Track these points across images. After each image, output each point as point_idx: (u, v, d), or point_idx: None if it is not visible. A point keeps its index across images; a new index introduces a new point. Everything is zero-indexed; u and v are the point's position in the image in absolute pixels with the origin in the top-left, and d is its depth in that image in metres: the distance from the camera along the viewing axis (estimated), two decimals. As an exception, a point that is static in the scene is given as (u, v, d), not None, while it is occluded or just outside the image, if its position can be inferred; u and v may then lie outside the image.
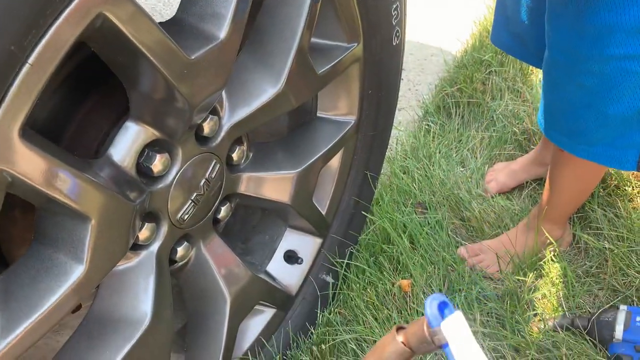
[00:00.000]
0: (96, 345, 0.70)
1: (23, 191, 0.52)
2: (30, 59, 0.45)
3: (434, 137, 1.62)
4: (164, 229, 0.77)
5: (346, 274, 1.20)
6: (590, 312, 1.16)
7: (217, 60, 0.67)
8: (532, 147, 1.57)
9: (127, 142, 0.68)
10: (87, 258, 0.59)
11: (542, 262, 1.26)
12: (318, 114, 1.05)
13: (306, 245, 1.11)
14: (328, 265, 1.16)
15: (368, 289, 1.19)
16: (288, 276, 1.10)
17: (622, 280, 1.21)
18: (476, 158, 1.56)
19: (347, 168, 1.12)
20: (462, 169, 1.53)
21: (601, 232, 1.30)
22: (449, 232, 1.35)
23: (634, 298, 1.18)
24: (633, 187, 1.42)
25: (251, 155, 0.91)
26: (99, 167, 0.66)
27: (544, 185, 1.28)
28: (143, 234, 0.73)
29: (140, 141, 0.68)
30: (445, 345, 0.43)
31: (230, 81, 0.79)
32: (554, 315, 1.17)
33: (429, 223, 1.34)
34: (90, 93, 0.75)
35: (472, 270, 1.26)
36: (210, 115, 0.76)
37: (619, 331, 1.07)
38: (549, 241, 1.27)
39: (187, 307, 0.92)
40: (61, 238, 0.58)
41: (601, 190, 1.38)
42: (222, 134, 0.79)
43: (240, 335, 1.00)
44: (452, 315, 0.43)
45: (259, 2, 0.82)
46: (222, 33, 0.66)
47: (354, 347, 1.12)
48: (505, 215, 1.39)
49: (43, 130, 0.70)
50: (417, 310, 1.16)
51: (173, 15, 0.68)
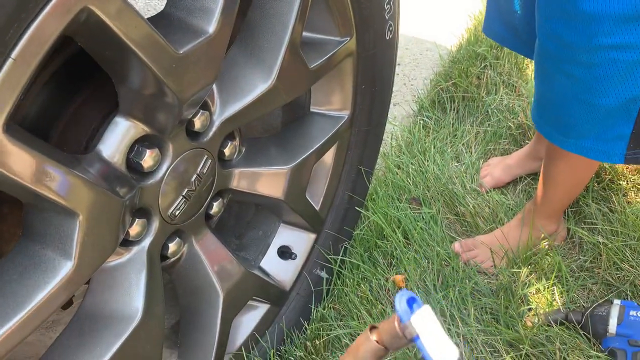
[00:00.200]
0: (87, 341, 0.69)
1: (8, 187, 0.51)
2: (13, 54, 0.44)
3: (428, 132, 1.62)
4: (155, 224, 0.76)
5: (340, 269, 1.20)
6: (584, 307, 1.16)
7: (206, 55, 0.67)
8: (527, 141, 1.57)
9: (117, 138, 0.67)
10: (76, 254, 0.58)
11: (536, 257, 1.26)
12: (311, 109, 1.05)
13: (300, 240, 1.11)
14: (322, 261, 1.16)
15: (362, 284, 1.19)
16: (282, 272, 1.09)
17: (616, 274, 1.21)
18: (471, 153, 1.56)
19: (341, 163, 1.12)
20: (457, 164, 1.53)
21: (595, 226, 1.30)
22: (444, 227, 1.35)
23: (628, 292, 1.18)
24: (627, 181, 1.42)
25: (243, 150, 0.90)
26: (88, 163, 0.65)
27: (538, 180, 1.28)
28: (134, 229, 0.73)
29: (129, 137, 0.68)
30: (416, 337, 0.45)
31: (221, 76, 0.79)
32: (548, 309, 1.17)
33: (423, 218, 1.34)
34: (79, 88, 0.74)
35: (466, 266, 1.26)
36: (201, 111, 0.76)
37: (612, 325, 1.08)
38: (543, 236, 1.27)
39: (180, 303, 0.92)
40: (49, 234, 0.58)
41: (595, 184, 1.38)
42: (214, 129, 0.79)
43: (233, 331, 1.00)
44: (421, 309, 0.46)
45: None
46: (211, 27, 0.66)
47: (348, 342, 1.12)
48: (499, 210, 1.39)
49: (31, 126, 0.69)
50: (411, 305, 1.16)
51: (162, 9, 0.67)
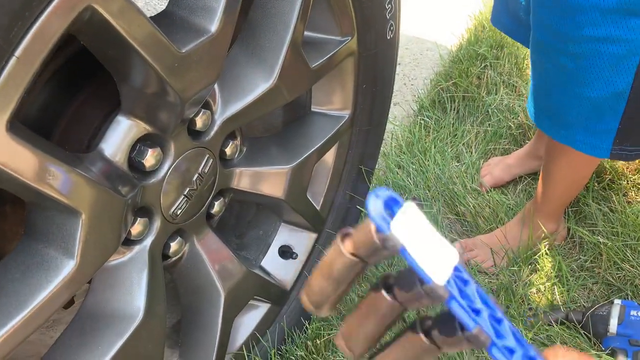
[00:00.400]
0: (89, 340, 0.69)
1: (11, 186, 0.51)
2: (17, 52, 0.44)
3: (429, 132, 1.62)
4: (157, 224, 0.76)
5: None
6: (584, 306, 1.17)
7: (208, 54, 0.67)
8: (527, 141, 1.57)
9: (119, 137, 0.68)
10: (78, 253, 0.58)
11: (536, 257, 1.26)
12: (312, 109, 1.05)
13: (301, 240, 1.11)
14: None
15: (363, 284, 1.19)
16: (283, 271, 1.09)
17: (617, 274, 1.21)
18: (471, 152, 1.56)
19: (342, 163, 1.12)
20: (457, 164, 1.53)
21: (596, 226, 1.30)
22: (444, 227, 1.35)
23: (628, 292, 1.18)
24: (627, 181, 1.42)
25: (245, 149, 0.90)
26: (90, 162, 0.65)
27: (538, 179, 1.28)
28: (135, 228, 0.73)
29: (131, 135, 0.68)
30: (402, 249, 0.35)
31: (223, 75, 0.79)
32: (548, 309, 1.17)
33: (424, 218, 1.33)
34: (81, 87, 0.74)
35: (466, 265, 1.26)
36: (203, 110, 0.76)
37: (613, 325, 1.08)
38: (543, 235, 1.27)
39: (182, 302, 0.92)
40: (51, 233, 0.58)
41: (596, 184, 1.39)
42: (215, 128, 0.79)
43: (234, 330, 1.00)
44: (402, 211, 0.35)
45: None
46: (213, 26, 0.66)
47: (349, 341, 1.12)
48: (500, 209, 1.39)
49: (34, 125, 0.69)
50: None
51: (163, 7, 0.67)
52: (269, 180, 0.94)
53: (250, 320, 1.05)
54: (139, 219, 0.73)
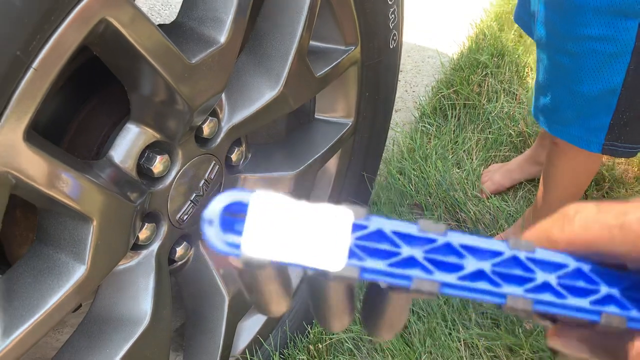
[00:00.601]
0: (96, 343, 0.71)
1: (26, 193, 0.53)
2: (35, 64, 0.46)
3: (430, 139, 1.63)
4: (164, 229, 0.78)
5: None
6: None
7: (217, 64, 0.68)
8: (527, 149, 1.59)
9: (128, 144, 0.69)
10: (89, 258, 0.59)
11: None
12: (316, 116, 1.07)
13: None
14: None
15: (364, 289, 1.20)
16: (285, 276, 1.10)
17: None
18: (472, 160, 1.58)
19: (344, 169, 1.14)
20: (458, 170, 1.55)
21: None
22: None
23: (627, 299, 1.19)
24: (626, 189, 1.43)
25: (250, 156, 0.92)
26: (100, 169, 0.67)
27: (538, 186, 1.29)
28: (143, 234, 0.74)
29: (140, 143, 0.69)
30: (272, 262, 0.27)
31: (230, 83, 0.80)
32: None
33: (425, 224, 1.35)
34: (91, 95, 0.76)
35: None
36: (210, 117, 0.77)
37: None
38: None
39: (186, 306, 0.93)
40: (63, 238, 0.59)
41: (595, 192, 1.40)
42: (222, 135, 0.80)
43: (238, 334, 1.01)
44: (247, 219, 0.27)
45: (259, 5, 0.83)
46: (223, 37, 0.67)
47: (351, 346, 1.13)
48: (500, 216, 1.40)
49: (44, 133, 0.71)
50: (412, 310, 1.17)
51: (172, 15, 0.68)
52: (274, 186, 0.95)
53: (253, 324, 1.06)
54: (146, 224, 0.75)
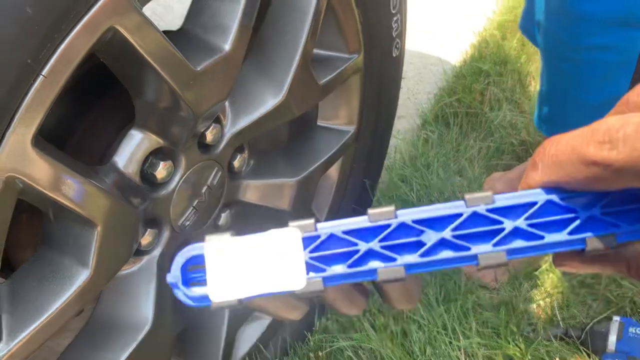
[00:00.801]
0: (98, 348, 0.71)
1: (33, 197, 0.53)
2: (44, 71, 0.46)
3: (432, 146, 1.64)
4: (166, 235, 0.78)
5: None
6: (584, 323, 1.18)
7: (222, 71, 0.69)
8: (530, 157, 1.59)
9: (132, 150, 0.69)
10: (93, 263, 0.60)
11: (537, 272, 1.27)
12: (318, 123, 1.07)
13: (305, 252, 1.12)
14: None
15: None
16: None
17: (616, 291, 1.22)
18: (474, 168, 1.58)
19: (346, 176, 1.14)
20: (460, 178, 1.55)
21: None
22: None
23: (627, 309, 1.19)
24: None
25: (252, 162, 0.92)
26: (104, 174, 0.67)
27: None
28: (145, 239, 0.75)
29: (144, 149, 0.70)
30: (242, 300, 0.29)
31: (233, 90, 0.81)
32: (548, 325, 1.18)
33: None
34: (95, 101, 0.76)
35: (468, 280, 1.27)
36: (213, 124, 0.78)
37: (612, 342, 1.09)
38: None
39: (186, 312, 0.93)
40: (67, 243, 0.59)
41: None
42: (225, 142, 0.80)
43: (237, 341, 1.01)
44: (208, 269, 0.29)
45: (263, 13, 0.84)
46: (228, 45, 0.68)
47: (351, 354, 1.13)
48: (501, 225, 1.40)
49: (49, 138, 0.71)
50: (413, 318, 1.17)
51: (174, 19, 0.69)
52: (276, 193, 0.96)
53: (253, 331, 1.06)
54: (148, 229, 0.75)
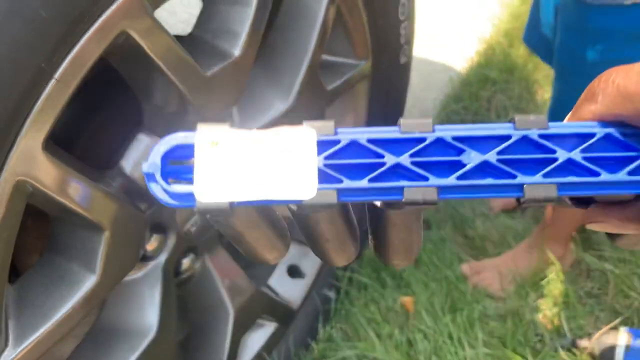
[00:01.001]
0: (102, 354, 0.70)
1: (42, 201, 0.53)
2: (57, 75, 0.46)
3: (438, 154, 1.63)
4: (172, 240, 0.77)
5: (348, 289, 1.20)
6: (591, 333, 1.17)
7: (231, 77, 0.68)
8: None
9: (139, 154, 0.69)
10: (100, 268, 0.59)
11: (544, 282, 1.26)
12: (325, 129, 1.06)
13: (309, 259, 1.12)
14: (330, 280, 1.16)
15: (371, 305, 1.20)
16: (290, 290, 1.10)
17: (624, 302, 1.21)
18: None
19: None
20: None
21: (603, 253, 1.30)
22: (452, 250, 1.36)
23: (635, 320, 1.18)
24: (635, 209, 1.42)
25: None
26: (111, 178, 0.67)
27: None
28: (151, 245, 0.74)
29: (152, 153, 0.69)
30: (238, 203, 0.24)
31: (242, 95, 0.80)
32: (555, 335, 1.17)
33: (432, 240, 1.34)
34: (103, 105, 0.76)
35: (474, 289, 1.26)
36: (222, 129, 0.77)
37: (619, 353, 1.08)
38: (551, 260, 1.27)
39: (190, 319, 0.92)
40: (75, 247, 0.59)
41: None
42: (233, 147, 0.80)
43: (241, 349, 1.00)
44: (196, 164, 0.24)
45: (272, 19, 0.83)
46: (237, 50, 0.67)
47: (355, 362, 1.12)
48: (508, 233, 1.39)
49: (57, 142, 0.71)
50: (418, 327, 1.16)
51: (178, 23, 0.69)
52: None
53: (257, 339, 1.05)
54: (154, 235, 0.74)
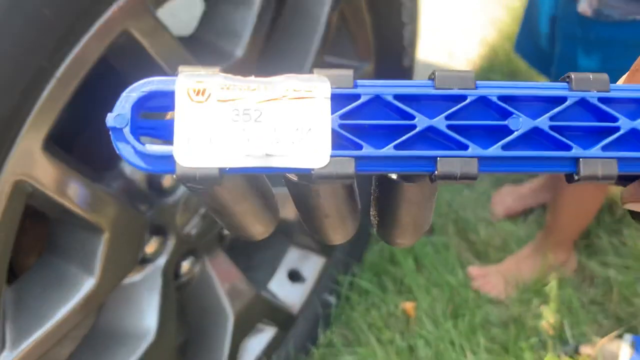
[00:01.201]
0: (100, 358, 0.69)
1: (41, 202, 0.52)
2: (58, 73, 0.45)
3: (440, 158, 1.62)
4: (171, 243, 0.76)
5: (349, 294, 1.19)
6: (594, 341, 1.15)
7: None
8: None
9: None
10: (99, 270, 0.58)
11: (547, 288, 1.25)
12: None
13: (310, 263, 1.11)
14: (331, 285, 1.15)
15: (372, 310, 1.19)
16: (290, 294, 1.09)
17: (627, 309, 1.20)
18: (483, 181, 1.56)
19: (354, 185, 1.12)
20: (469, 192, 1.53)
21: (607, 260, 1.29)
22: (455, 255, 1.35)
23: (639, 327, 1.17)
24: None
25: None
26: (111, 180, 0.66)
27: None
28: (150, 247, 0.73)
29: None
30: (228, 170, 0.22)
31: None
32: (558, 342, 1.16)
33: (434, 245, 1.33)
34: (103, 105, 0.75)
35: (476, 294, 1.25)
36: (223, 131, 0.76)
37: (623, 360, 1.07)
38: (554, 266, 1.26)
39: (190, 323, 0.91)
40: (74, 249, 0.58)
41: (608, 217, 1.38)
42: (234, 149, 0.79)
43: (241, 353, 0.99)
44: (177, 115, 0.21)
45: (276, 19, 0.83)
46: (240, 51, 0.67)
47: (356, 368, 1.11)
48: (510, 239, 1.38)
49: (56, 141, 0.70)
50: (420, 333, 1.15)
51: (177, 23, 0.68)
52: (282, 202, 0.94)
53: (257, 343, 1.04)
54: (154, 237, 0.73)
